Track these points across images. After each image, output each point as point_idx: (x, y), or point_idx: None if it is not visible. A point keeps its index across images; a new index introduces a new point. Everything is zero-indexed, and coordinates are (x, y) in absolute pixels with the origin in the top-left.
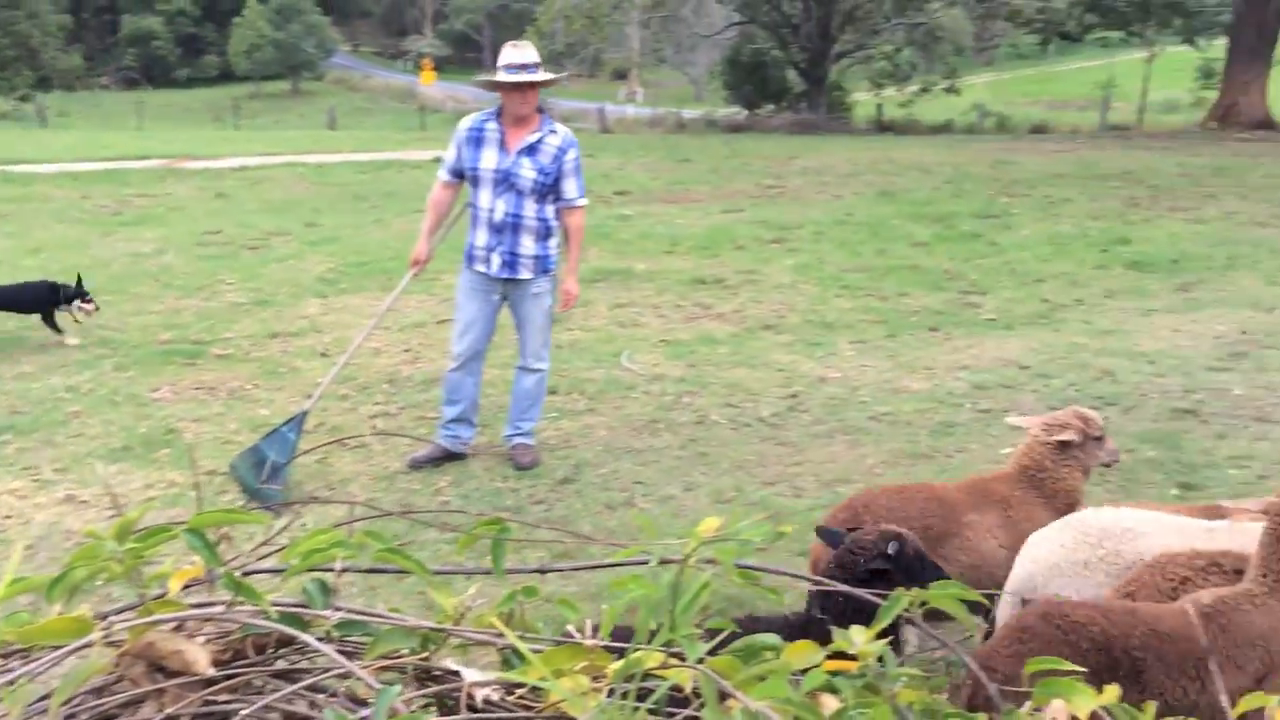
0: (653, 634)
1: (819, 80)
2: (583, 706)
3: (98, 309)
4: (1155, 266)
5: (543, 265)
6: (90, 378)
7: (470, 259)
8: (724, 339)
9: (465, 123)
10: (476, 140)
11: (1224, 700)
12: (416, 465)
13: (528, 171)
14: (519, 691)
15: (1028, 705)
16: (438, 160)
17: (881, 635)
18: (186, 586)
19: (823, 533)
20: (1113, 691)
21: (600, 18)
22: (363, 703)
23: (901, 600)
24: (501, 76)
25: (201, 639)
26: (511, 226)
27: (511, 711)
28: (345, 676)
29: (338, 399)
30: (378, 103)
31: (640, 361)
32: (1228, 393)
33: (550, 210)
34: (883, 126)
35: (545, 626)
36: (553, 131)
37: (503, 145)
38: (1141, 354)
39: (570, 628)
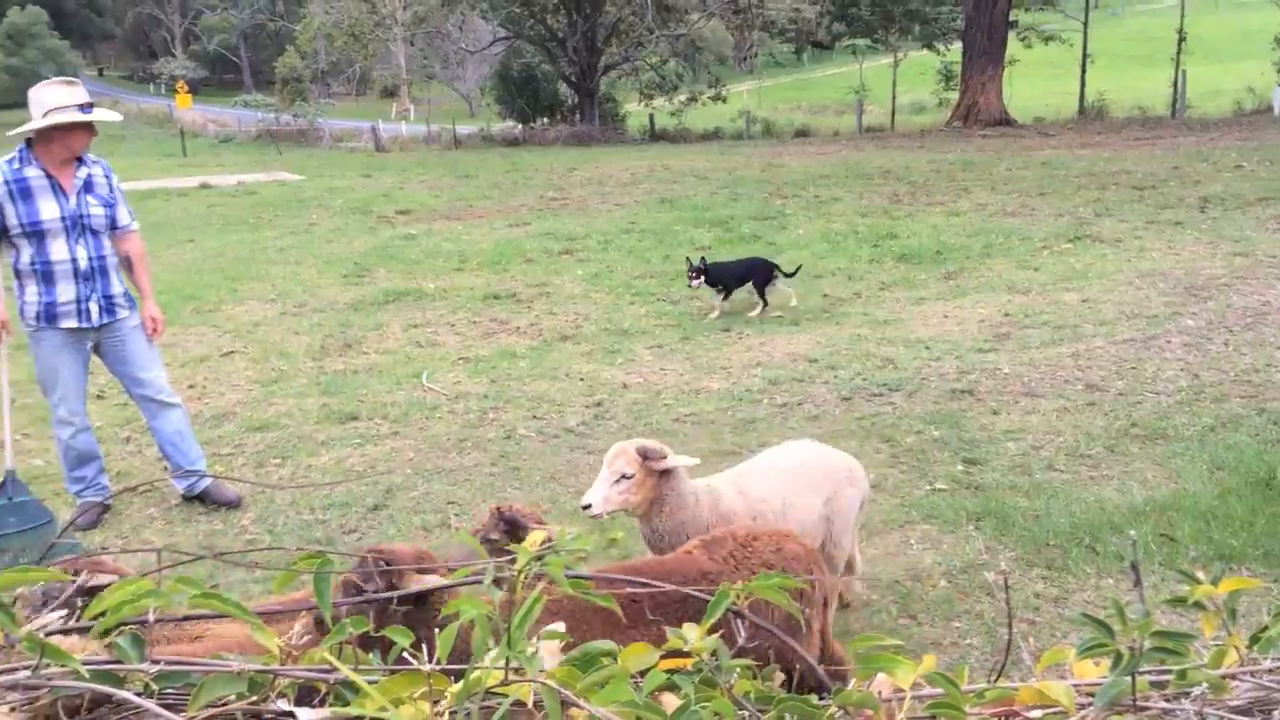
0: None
1: (590, 93)
2: None
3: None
4: (921, 258)
5: (130, 299)
6: None
7: (52, 317)
8: (524, 353)
9: None
10: (23, 193)
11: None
12: (88, 526)
13: (97, 209)
14: None
15: (854, 681)
16: (205, 186)
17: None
18: None
19: None
20: (931, 660)
21: (363, 35)
22: None
23: (726, 595)
24: (74, 117)
25: (5, 708)
26: (99, 270)
27: None
28: None
29: (120, 442)
30: (131, 128)
31: (441, 380)
32: (997, 372)
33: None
34: (655, 136)
35: (376, 657)
36: (95, 162)
37: (59, 190)
38: (918, 340)
39: (406, 654)
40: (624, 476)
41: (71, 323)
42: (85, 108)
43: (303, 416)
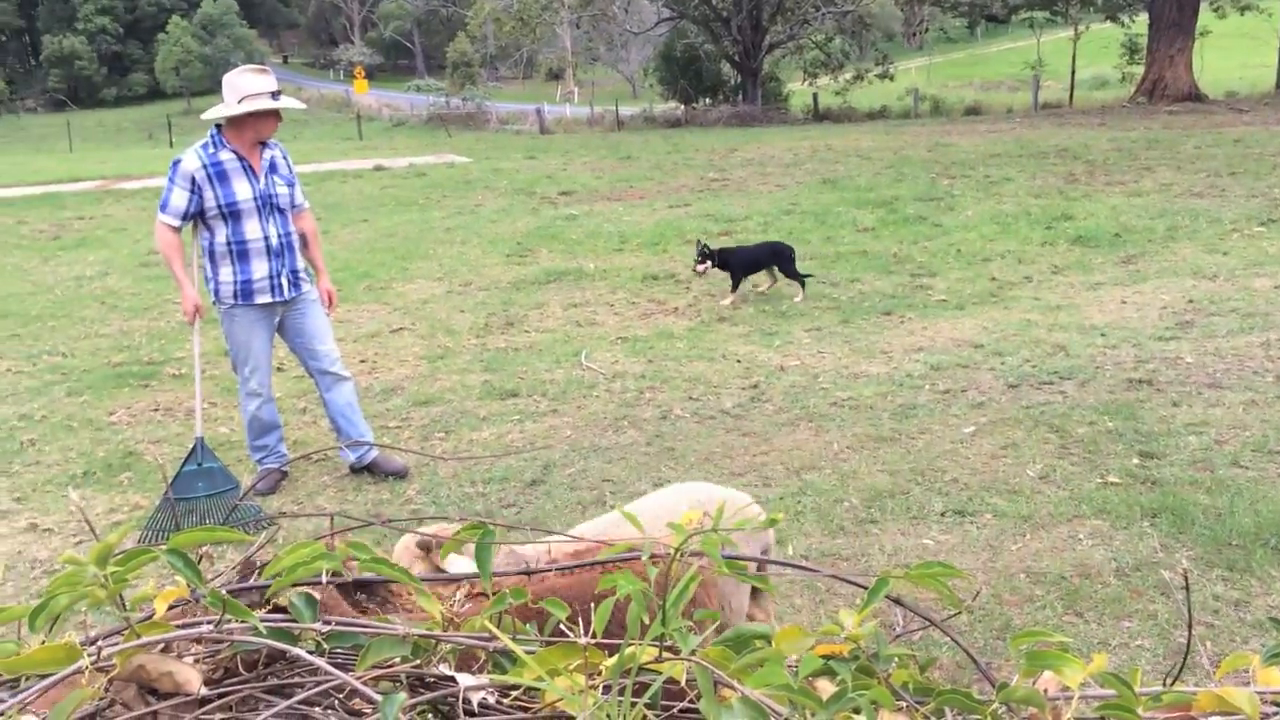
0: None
1: (753, 72)
2: (580, 704)
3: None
4: (1098, 241)
5: (308, 273)
6: (43, 405)
7: (248, 294)
8: (681, 333)
9: (194, 161)
10: (220, 175)
11: None
12: (267, 491)
13: (282, 189)
14: (514, 694)
15: (1016, 678)
16: (379, 169)
17: None
18: (170, 607)
19: None
20: (1101, 659)
21: (531, 19)
22: (357, 714)
23: (886, 582)
24: (266, 104)
25: (190, 659)
26: (287, 246)
27: (508, 713)
28: (339, 689)
29: (298, 413)
30: (312, 113)
31: (599, 360)
32: (1179, 361)
33: None
34: (819, 115)
35: (531, 628)
36: (274, 145)
37: (250, 172)
38: (1092, 327)
39: (563, 625)
40: None
41: (266, 298)
42: (275, 95)
43: (466, 392)
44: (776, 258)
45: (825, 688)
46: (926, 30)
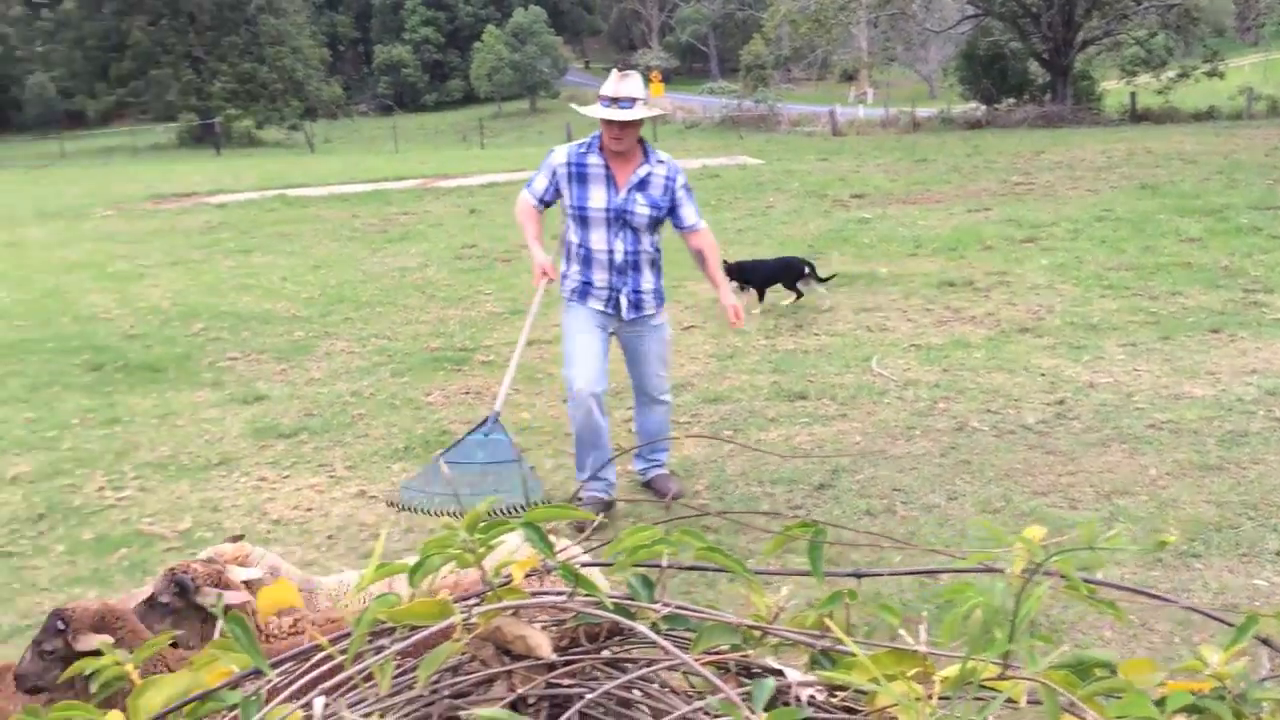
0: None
1: (1064, 70)
2: (916, 713)
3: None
4: None
5: (660, 297)
6: (371, 383)
7: (584, 295)
8: (978, 343)
9: (561, 156)
10: (580, 177)
11: None
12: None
13: (642, 209)
14: (841, 694)
15: None
16: None
17: None
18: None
19: None
20: None
21: (827, 20)
22: (681, 694)
23: (1255, 620)
24: (600, 111)
25: (538, 625)
26: (633, 265)
27: (832, 714)
28: (673, 668)
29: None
30: None
31: (891, 366)
32: None
33: (659, 238)
34: (1136, 116)
35: (855, 630)
36: (660, 162)
37: (612, 182)
38: None
39: (901, 632)
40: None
41: (599, 305)
42: (624, 103)
43: (754, 392)
44: (787, 271)
45: None
46: (1263, 25)
